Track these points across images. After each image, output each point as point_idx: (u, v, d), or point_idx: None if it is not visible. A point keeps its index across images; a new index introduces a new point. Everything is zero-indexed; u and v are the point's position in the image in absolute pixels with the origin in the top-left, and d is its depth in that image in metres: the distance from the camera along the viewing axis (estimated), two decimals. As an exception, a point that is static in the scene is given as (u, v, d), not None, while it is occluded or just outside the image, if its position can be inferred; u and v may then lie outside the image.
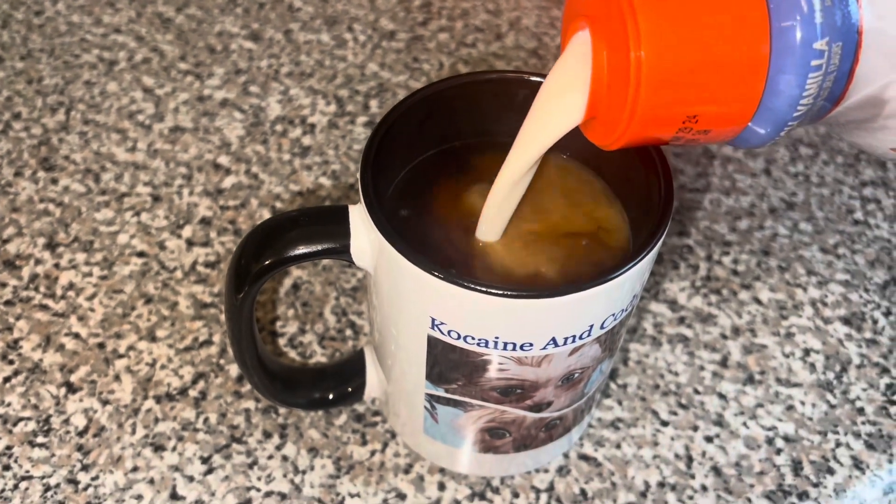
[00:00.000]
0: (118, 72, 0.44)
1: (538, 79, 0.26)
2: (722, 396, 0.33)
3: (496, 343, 0.22)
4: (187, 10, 0.48)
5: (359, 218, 0.24)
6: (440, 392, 0.26)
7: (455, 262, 0.24)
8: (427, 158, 0.27)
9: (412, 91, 0.26)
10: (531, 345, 0.22)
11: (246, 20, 0.47)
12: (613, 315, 0.23)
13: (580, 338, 0.23)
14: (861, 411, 0.33)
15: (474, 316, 0.22)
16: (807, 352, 0.35)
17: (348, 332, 0.34)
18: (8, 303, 0.35)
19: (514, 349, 0.22)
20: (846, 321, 0.36)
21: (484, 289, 0.21)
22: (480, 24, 0.48)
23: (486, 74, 0.26)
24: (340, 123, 0.42)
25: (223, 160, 0.40)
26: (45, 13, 0.48)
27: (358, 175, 0.23)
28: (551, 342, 0.22)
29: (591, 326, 0.22)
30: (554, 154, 0.26)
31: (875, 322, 0.36)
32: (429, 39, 0.47)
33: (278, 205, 0.39)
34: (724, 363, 0.34)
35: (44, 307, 0.35)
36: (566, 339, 0.22)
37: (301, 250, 0.23)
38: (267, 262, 0.23)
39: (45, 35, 0.46)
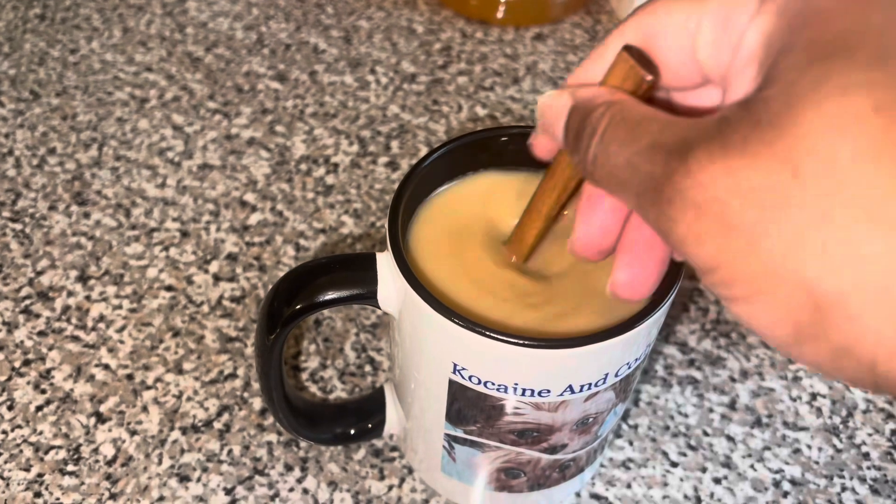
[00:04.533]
0: (149, 109, 0.46)
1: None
2: (730, 439, 0.34)
3: (515, 389, 0.23)
4: (216, 49, 0.50)
5: (386, 266, 0.25)
6: (459, 433, 0.27)
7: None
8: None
9: (436, 145, 0.27)
10: (549, 391, 0.23)
11: (272, 61, 0.49)
12: (628, 364, 0.24)
13: (596, 385, 0.24)
14: (866, 456, 0.34)
15: (495, 363, 0.23)
16: (813, 396, 0.35)
17: (367, 368, 0.36)
18: (41, 333, 0.36)
19: (532, 395, 0.23)
20: (852, 366, 0.36)
21: (505, 338, 0.22)
22: (498, 67, 0.49)
23: (509, 129, 0.28)
24: (362, 163, 0.44)
25: (249, 197, 0.42)
26: (80, 51, 0.50)
27: (386, 226, 0.24)
28: (568, 389, 0.23)
29: (607, 375, 0.23)
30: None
31: (881, 368, 0.36)
32: (448, 82, 0.48)
33: (302, 242, 0.40)
34: (732, 406, 0.35)
35: (75, 338, 0.36)
36: (582, 386, 0.23)
37: (331, 296, 0.25)
38: (298, 307, 0.25)
39: (80, 72, 0.48)
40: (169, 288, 0.38)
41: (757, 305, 0.15)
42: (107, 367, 0.35)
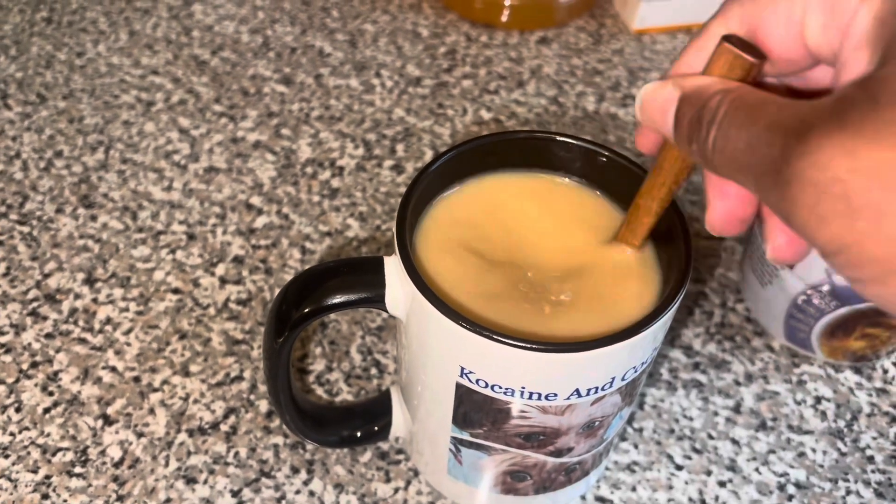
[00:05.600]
0: (155, 112, 0.46)
1: (563, 139, 0.28)
2: (735, 442, 0.34)
3: (522, 392, 0.23)
4: (222, 53, 0.50)
5: (394, 269, 0.25)
6: (465, 436, 0.27)
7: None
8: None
9: (443, 150, 0.28)
10: (556, 395, 0.23)
11: (278, 64, 0.49)
12: (635, 368, 0.24)
13: (602, 389, 0.24)
14: (871, 459, 0.34)
15: (502, 367, 0.23)
16: (818, 399, 0.36)
17: (373, 371, 0.36)
18: (48, 335, 0.36)
19: (539, 399, 0.24)
20: (856, 370, 0.37)
21: (512, 342, 0.22)
22: (503, 71, 0.50)
23: (516, 133, 0.28)
24: (368, 166, 0.44)
25: (255, 200, 0.42)
26: (87, 54, 0.50)
27: (393, 229, 0.25)
28: (575, 393, 0.23)
29: (613, 379, 0.24)
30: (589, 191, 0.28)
31: (885, 372, 0.37)
32: (453, 86, 0.48)
33: (308, 245, 0.40)
34: (737, 409, 0.35)
35: (82, 340, 0.36)
36: (589, 390, 0.24)
37: (339, 299, 0.25)
38: (307, 310, 0.25)
39: (87, 76, 0.48)
40: (175, 290, 0.38)
41: (892, 287, 0.15)
42: (114, 369, 0.35)
